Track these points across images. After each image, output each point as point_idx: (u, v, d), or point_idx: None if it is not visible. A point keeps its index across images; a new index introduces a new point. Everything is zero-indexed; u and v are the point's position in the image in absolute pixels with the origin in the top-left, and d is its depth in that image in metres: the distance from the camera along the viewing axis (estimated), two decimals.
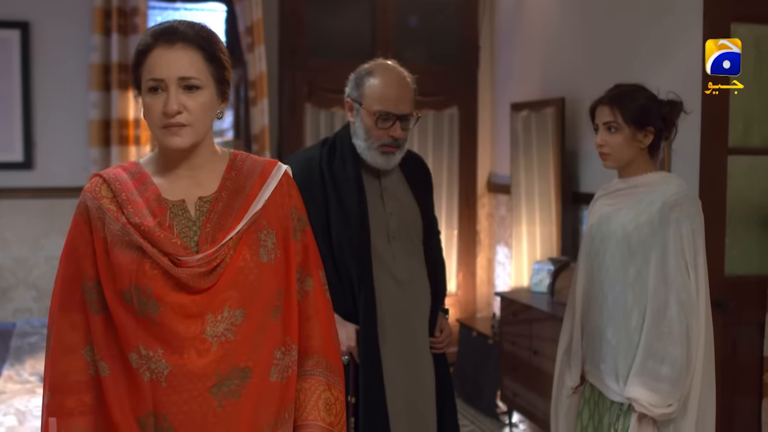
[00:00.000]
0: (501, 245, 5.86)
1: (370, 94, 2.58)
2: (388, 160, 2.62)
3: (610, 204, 2.62)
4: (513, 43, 5.67)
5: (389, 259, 2.64)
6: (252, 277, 1.63)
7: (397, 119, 2.57)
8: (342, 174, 2.63)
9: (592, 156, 4.73)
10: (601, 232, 2.60)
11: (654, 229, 2.46)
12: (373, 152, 2.60)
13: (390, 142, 2.58)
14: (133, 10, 4.82)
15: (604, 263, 2.56)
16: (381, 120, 2.56)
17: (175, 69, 1.60)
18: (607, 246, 2.55)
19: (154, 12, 5.23)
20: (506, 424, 4.79)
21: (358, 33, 5.54)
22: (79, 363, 1.63)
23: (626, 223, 2.51)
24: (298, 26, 5.30)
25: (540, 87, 5.24)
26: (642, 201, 2.51)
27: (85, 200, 1.67)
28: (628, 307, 2.48)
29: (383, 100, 2.56)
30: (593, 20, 4.77)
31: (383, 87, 2.57)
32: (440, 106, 5.73)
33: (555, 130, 4.90)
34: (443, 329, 2.78)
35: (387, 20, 5.57)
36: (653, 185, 2.54)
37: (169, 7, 5.30)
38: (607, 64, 4.57)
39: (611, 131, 2.54)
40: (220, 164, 1.72)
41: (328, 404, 1.74)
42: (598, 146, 2.59)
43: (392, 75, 2.60)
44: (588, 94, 4.67)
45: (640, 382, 2.40)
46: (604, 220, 2.60)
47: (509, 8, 5.72)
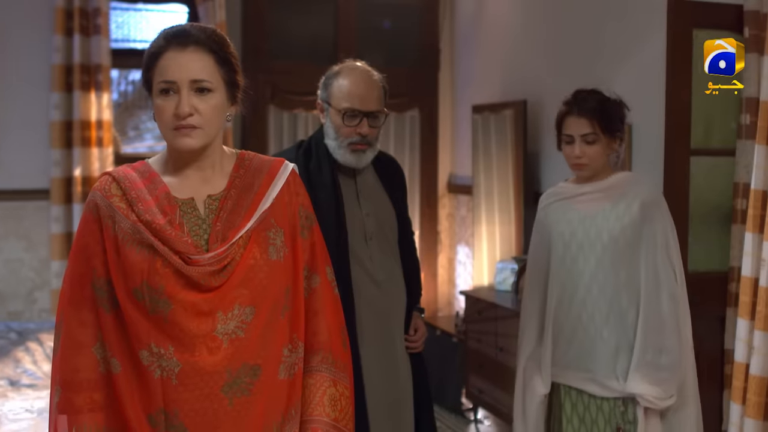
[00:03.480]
0: (462, 245, 5.95)
1: (338, 93, 2.63)
2: (358, 159, 2.65)
3: (580, 210, 2.64)
4: (473, 46, 5.76)
5: (366, 259, 2.68)
6: (262, 275, 1.66)
7: (364, 116, 2.61)
8: (318, 176, 2.66)
9: (554, 157, 4.85)
10: (578, 239, 2.62)
11: (637, 229, 2.54)
12: (343, 150, 2.64)
13: (358, 139, 2.62)
14: (95, 10, 4.78)
15: (588, 269, 2.59)
16: (348, 117, 2.61)
17: (188, 72, 1.62)
18: (591, 252, 2.58)
19: (116, 13, 5.19)
20: (471, 420, 4.87)
21: (321, 36, 5.59)
22: (89, 360, 1.65)
23: (611, 227, 2.56)
24: (261, 29, 5.33)
25: (500, 89, 5.34)
26: (619, 203, 2.58)
27: (95, 198, 1.68)
28: (624, 307, 2.55)
29: (349, 97, 2.61)
30: (554, 23, 4.88)
31: (349, 85, 2.62)
32: (401, 108, 5.80)
33: (515, 132, 5.00)
34: (418, 328, 2.83)
35: (349, 23, 5.63)
36: (623, 186, 2.61)
37: (131, 8, 5.27)
38: (568, 67, 4.69)
39: (589, 143, 2.58)
40: (227, 163, 1.75)
41: (333, 400, 1.77)
42: (576, 158, 2.59)
43: (358, 74, 2.65)
44: (550, 96, 4.82)
45: (641, 376, 2.49)
46: (580, 226, 2.62)
47: (469, 12, 5.82)
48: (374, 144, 2.68)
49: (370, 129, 2.63)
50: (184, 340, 1.61)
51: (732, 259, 3.33)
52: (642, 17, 4.11)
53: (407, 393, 2.76)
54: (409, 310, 2.82)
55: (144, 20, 5.33)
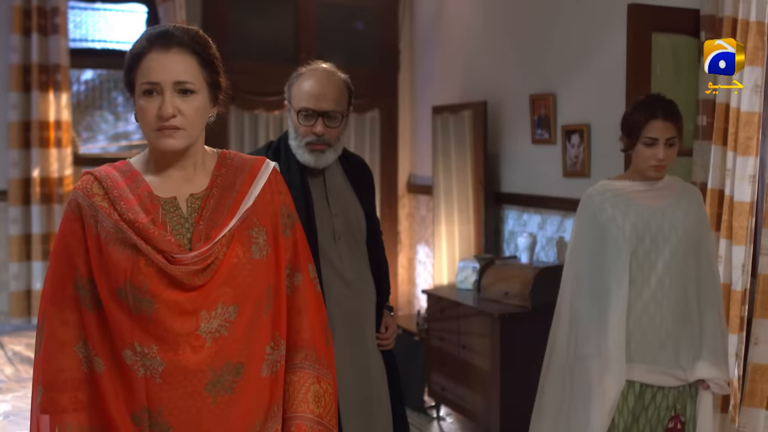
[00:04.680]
0: (422, 244, 6.01)
1: (297, 93, 2.66)
2: (317, 159, 2.66)
3: (646, 204, 2.72)
4: (433, 47, 5.82)
5: (336, 259, 2.71)
6: (245, 273, 1.67)
7: (319, 116, 2.63)
8: (287, 176, 2.66)
9: (513, 158, 4.94)
10: (651, 232, 2.69)
11: (699, 227, 2.75)
12: (302, 150, 2.66)
13: (314, 139, 2.63)
14: (54, 10, 4.73)
15: (662, 261, 2.69)
16: (303, 117, 2.63)
17: (171, 73, 1.63)
18: (665, 244, 2.69)
19: (74, 12, 5.13)
20: (434, 417, 4.92)
21: (282, 36, 5.60)
22: (72, 360, 1.65)
23: (683, 221, 2.71)
24: (221, 29, 5.31)
25: (460, 90, 5.41)
26: (680, 201, 2.75)
27: (76, 198, 1.68)
28: (692, 299, 2.71)
29: (306, 97, 2.63)
30: (514, 25, 4.96)
31: (307, 86, 2.64)
32: (362, 109, 5.83)
33: (474, 133, 5.07)
34: (389, 326, 2.87)
35: (310, 24, 5.65)
36: (677, 187, 2.80)
37: (89, 7, 5.21)
38: (528, 69, 4.76)
39: (671, 146, 2.70)
40: (209, 162, 1.76)
41: (317, 396, 1.79)
42: (659, 160, 2.68)
43: (318, 74, 2.67)
44: (509, 97, 4.90)
45: (710, 363, 2.68)
46: (651, 219, 2.69)
47: (429, 13, 5.87)
48: (334, 145, 2.69)
49: (327, 129, 2.64)
50: (167, 339, 1.62)
51: None
52: (600, 20, 4.20)
53: (380, 391, 2.78)
54: (380, 308, 2.85)
55: (102, 20, 5.27)
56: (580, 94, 4.40)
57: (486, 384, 4.27)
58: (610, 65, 4.08)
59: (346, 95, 2.70)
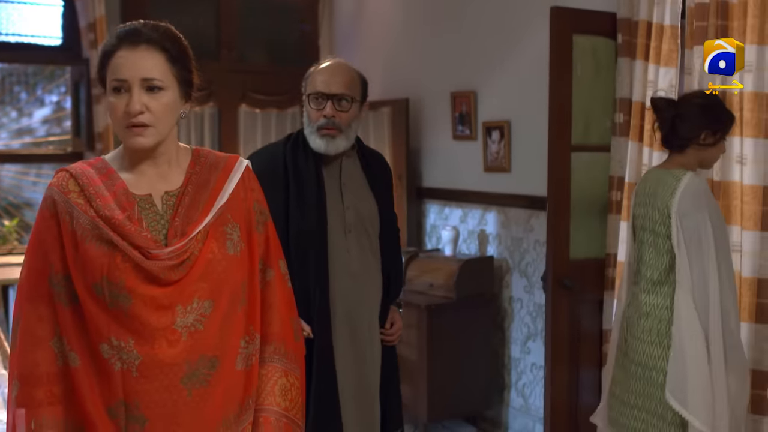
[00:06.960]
0: None
1: (310, 82, 2.73)
2: (327, 144, 2.68)
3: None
4: (353, 45, 5.89)
5: (344, 252, 2.73)
6: (220, 269, 1.72)
7: (329, 99, 2.67)
8: (304, 168, 2.71)
9: (435, 153, 5.07)
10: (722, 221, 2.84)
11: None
12: (314, 136, 2.68)
13: (324, 123, 2.66)
14: None
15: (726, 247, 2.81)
16: (313, 101, 2.69)
17: (138, 70, 1.66)
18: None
19: None
20: None
21: (203, 32, 5.58)
22: (47, 354, 1.67)
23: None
24: None
25: (381, 88, 5.49)
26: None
27: (51, 194, 1.70)
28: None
29: (316, 82, 2.70)
30: (435, 23, 5.08)
31: (318, 73, 2.73)
32: (283, 105, 5.87)
33: (393, 129, 5.19)
34: (395, 322, 2.90)
35: (231, 20, 5.64)
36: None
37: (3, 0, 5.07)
38: (448, 67, 4.89)
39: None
40: (183, 159, 1.79)
41: (284, 390, 1.83)
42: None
43: (329, 63, 2.77)
44: (430, 95, 5.02)
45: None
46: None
47: (349, 10, 5.94)
48: (345, 131, 2.70)
49: (337, 112, 2.66)
50: (144, 333, 1.65)
51: (608, 246, 3.63)
52: (520, 21, 4.35)
53: (376, 382, 2.80)
54: (387, 304, 2.89)
55: (16, 12, 5.13)
56: (500, 91, 4.55)
57: (413, 374, 4.38)
58: (529, 64, 4.24)
59: (358, 83, 2.75)
